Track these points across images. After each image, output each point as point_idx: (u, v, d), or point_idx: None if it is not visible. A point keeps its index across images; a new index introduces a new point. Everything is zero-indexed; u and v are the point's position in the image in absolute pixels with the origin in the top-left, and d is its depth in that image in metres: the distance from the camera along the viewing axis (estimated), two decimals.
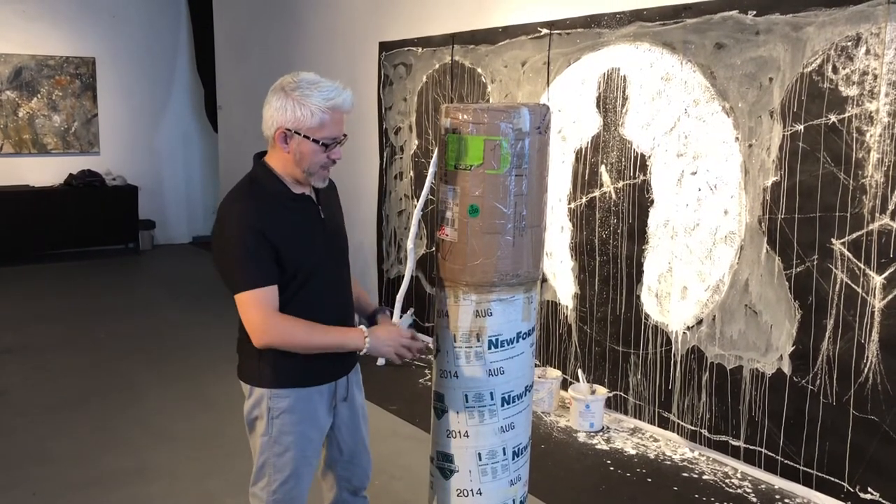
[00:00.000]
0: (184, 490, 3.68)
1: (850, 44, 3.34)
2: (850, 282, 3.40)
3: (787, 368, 3.67)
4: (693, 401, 4.10)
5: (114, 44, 9.39)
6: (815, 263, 3.52)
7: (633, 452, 4.10)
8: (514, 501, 2.57)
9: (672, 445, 4.17)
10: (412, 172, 5.94)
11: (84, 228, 9.06)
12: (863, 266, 3.36)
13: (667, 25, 4.06)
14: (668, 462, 4.00)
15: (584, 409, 4.36)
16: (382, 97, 6.20)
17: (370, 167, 6.40)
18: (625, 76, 4.30)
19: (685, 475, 3.86)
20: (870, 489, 3.40)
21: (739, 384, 3.87)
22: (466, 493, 2.50)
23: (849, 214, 3.39)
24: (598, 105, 4.46)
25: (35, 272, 8.39)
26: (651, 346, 4.29)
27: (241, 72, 8.73)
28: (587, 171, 4.55)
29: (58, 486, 3.69)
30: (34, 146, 9.10)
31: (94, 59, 9.28)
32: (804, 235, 3.56)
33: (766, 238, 3.71)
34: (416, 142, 5.86)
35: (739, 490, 3.71)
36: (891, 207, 3.26)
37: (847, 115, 3.36)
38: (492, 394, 2.45)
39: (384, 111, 6.20)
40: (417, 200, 5.67)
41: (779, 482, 3.74)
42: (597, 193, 4.50)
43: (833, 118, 3.42)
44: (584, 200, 4.58)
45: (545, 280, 4.85)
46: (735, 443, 3.91)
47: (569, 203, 4.68)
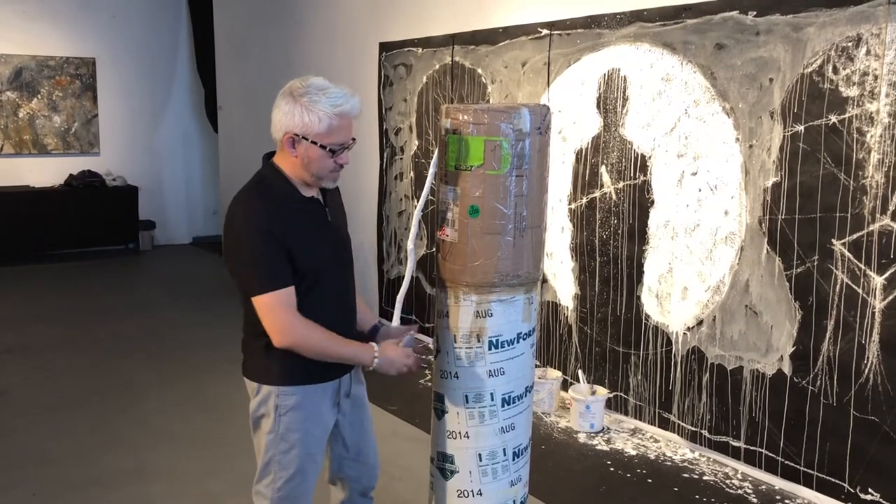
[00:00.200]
0: (184, 490, 3.67)
1: (851, 44, 3.33)
2: (851, 282, 3.40)
3: (788, 369, 3.67)
4: (693, 401, 4.10)
5: (114, 44, 9.40)
6: (816, 264, 3.52)
7: (634, 453, 4.10)
8: (515, 502, 2.56)
9: (672, 446, 4.17)
10: (412, 173, 5.94)
11: (84, 229, 9.05)
12: (863, 267, 3.36)
13: (667, 26, 4.06)
14: (669, 463, 4.00)
15: (585, 410, 4.35)
16: (383, 98, 6.20)
17: (370, 168, 6.40)
18: (625, 77, 4.30)
19: (685, 476, 3.86)
20: (870, 490, 3.39)
21: (740, 385, 3.87)
22: (467, 494, 2.50)
23: (849, 215, 3.39)
24: (599, 106, 4.46)
25: (35, 272, 8.39)
26: (651, 347, 4.29)
27: (242, 72, 8.73)
28: (587, 172, 4.55)
29: (58, 487, 3.69)
30: (34, 147, 9.10)
31: (95, 60, 9.29)
32: (804, 236, 3.56)
33: (767, 239, 3.71)
34: (417, 142, 5.86)
35: (740, 491, 3.71)
36: (891, 208, 3.26)
37: (847, 116, 3.36)
38: (492, 394, 2.45)
39: (384, 112, 6.20)
40: (417, 201, 5.67)
41: (779, 483, 3.74)
42: (597, 194, 4.50)
43: (833, 119, 3.42)
44: (585, 201, 4.58)
45: (545, 281, 4.85)
46: (735, 443, 3.91)
47: (569, 203, 4.68)
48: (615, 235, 4.42)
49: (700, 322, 4.04)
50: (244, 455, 4.02)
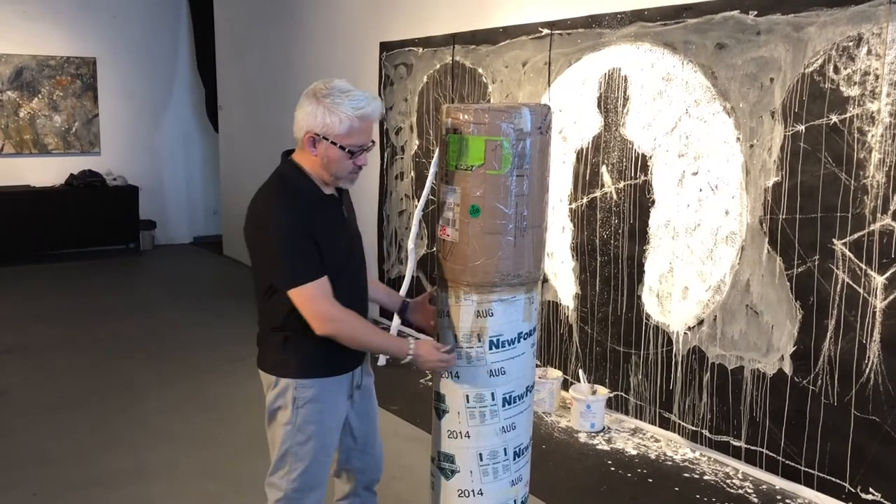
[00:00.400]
0: (184, 490, 3.67)
1: (852, 44, 3.33)
2: (852, 282, 3.40)
3: (789, 369, 3.67)
4: (694, 401, 4.09)
5: (114, 44, 9.39)
6: (817, 264, 3.52)
7: (634, 453, 4.10)
8: (516, 502, 2.57)
9: (673, 446, 4.17)
10: (413, 173, 5.93)
11: (85, 228, 9.05)
12: (864, 266, 3.36)
13: (668, 25, 4.06)
14: (669, 462, 4.00)
15: (585, 410, 4.35)
16: (383, 97, 6.20)
17: (371, 167, 6.40)
18: (626, 76, 4.30)
19: (686, 475, 3.86)
20: (871, 489, 3.39)
21: (740, 384, 3.87)
22: (467, 494, 2.50)
23: (850, 215, 3.38)
24: (599, 105, 4.45)
25: (35, 272, 8.39)
26: (652, 347, 4.28)
27: (242, 72, 8.73)
28: (588, 172, 4.54)
29: (58, 487, 3.69)
30: (35, 146, 9.10)
31: (95, 60, 9.28)
32: (805, 236, 3.55)
33: (768, 238, 3.71)
34: (417, 142, 5.86)
35: (740, 490, 3.71)
36: (892, 208, 3.25)
37: (848, 116, 3.36)
38: (493, 394, 2.45)
39: (385, 111, 6.20)
40: (418, 201, 5.67)
41: (780, 483, 3.74)
42: (598, 194, 4.50)
43: (834, 118, 3.41)
44: (585, 201, 4.58)
45: (546, 280, 4.85)
46: (736, 443, 3.91)
47: (570, 203, 4.68)
48: (616, 235, 4.42)
49: (701, 322, 4.04)
50: (244, 455, 4.02)
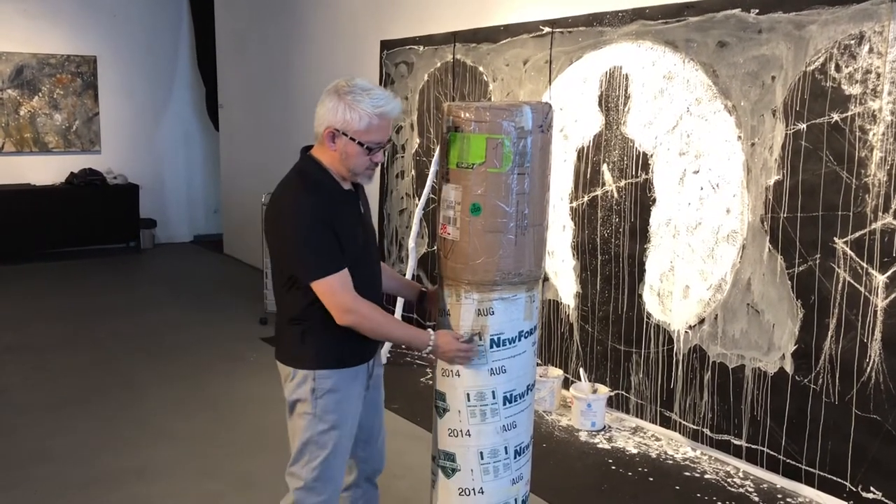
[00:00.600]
0: (184, 489, 3.67)
1: (853, 42, 3.33)
2: (853, 281, 3.40)
3: (790, 367, 3.66)
4: (695, 400, 4.09)
5: (115, 42, 9.39)
6: (818, 262, 3.51)
7: (635, 451, 4.10)
8: (516, 500, 2.56)
9: (674, 444, 4.16)
10: (413, 171, 5.93)
11: (85, 227, 9.05)
12: (865, 265, 3.35)
13: (669, 24, 4.05)
14: (670, 461, 3.99)
15: (586, 408, 4.35)
16: None
17: None
18: (627, 74, 4.29)
19: (687, 474, 3.85)
20: (872, 488, 3.39)
21: (741, 383, 3.86)
22: (468, 492, 2.49)
23: (851, 213, 3.38)
24: (600, 103, 4.45)
25: (36, 271, 8.39)
26: (653, 345, 4.28)
27: (243, 70, 8.72)
28: (589, 170, 4.54)
29: (58, 486, 3.69)
30: (35, 145, 9.09)
31: (96, 58, 9.28)
32: (806, 234, 3.55)
33: (769, 237, 3.70)
34: (418, 140, 5.86)
35: (741, 489, 3.71)
36: (893, 206, 3.25)
37: (850, 114, 3.36)
38: (493, 392, 2.44)
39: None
40: (418, 199, 5.67)
41: (781, 481, 3.74)
42: (599, 192, 4.50)
43: (836, 117, 3.41)
44: (586, 199, 4.57)
45: (546, 279, 4.84)
46: (737, 442, 3.90)
47: (570, 202, 4.67)
48: (617, 234, 4.42)
49: (702, 320, 4.04)
50: (244, 454, 4.02)
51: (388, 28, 6.15)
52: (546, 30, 4.72)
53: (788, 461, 3.70)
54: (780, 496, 3.65)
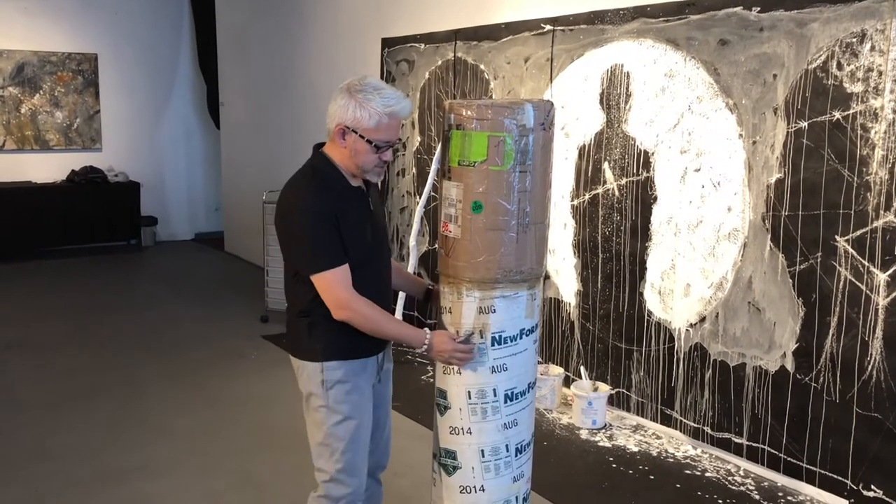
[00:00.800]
0: (185, 486, 3.67)
1: (855, 40, 3.32)
2: (854, 279, 3.39)
3: (791, 366, 3.66)
4: (696, 398, 4.09)
5: (116, 40, 9.39)
6: (819, 261, 3.51)
7: (636, 450, 4.10)
8: (517, 498, 2.56)
9: (675, 443, 4.17)
10: (414, 169, 5.93)
11: (86, 225, 9.04)
12: (867, 263, 3.35)
13: (670, 22, 4.05)
14: (671, 459, 3.99)
15: (587, 406, 4.35)
16: None
17: None
18: (628, 73, 4.29)
19: (688, 472, 3.86)
20: (873, 487, 3.39)
21: (742, 381, 3.86)
22: (469, 490, 2.49)
23: (853, 212, 3.38)
24: (602, 102, 4.45)
25: (37, 269, 8.39)
26: (654, 344, 4.28)
27: (243, 68, 8.72)
28: (590, 168, 4.54)
29: (60, 483, 3.69)
30: (36, 142, 9.09)
31: (97, 56, 9.28)
32: (808, 232, 3.55)
33: (770, 235, 3.70)
34: (419, 138, 5.86)
35: (742, 487, 3.71)
36: (895, 205, 3.25)
37: (851, 112, 3.35)
38: (495, 390, 2.44)
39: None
40: (419, 197, 5.67)
41: (782, 480, 3.74)
42: (600, 190, 4.49)
43: (837, 115, 3.40)
44: (587, 197, 4.57)
45: (548, 277, 4.84)
46: (738, 440, 3.91)
47: (572, 200, 4.67)
48: (618, 232, 4.42)
49: (703, 319, 4.04)
50: (246, 452, 4.02)
51: (389, 26, 6.15)
52: (547, 27, 4.72)
53: (789, 459, 3.70)
54: (781, 494, 3.65)
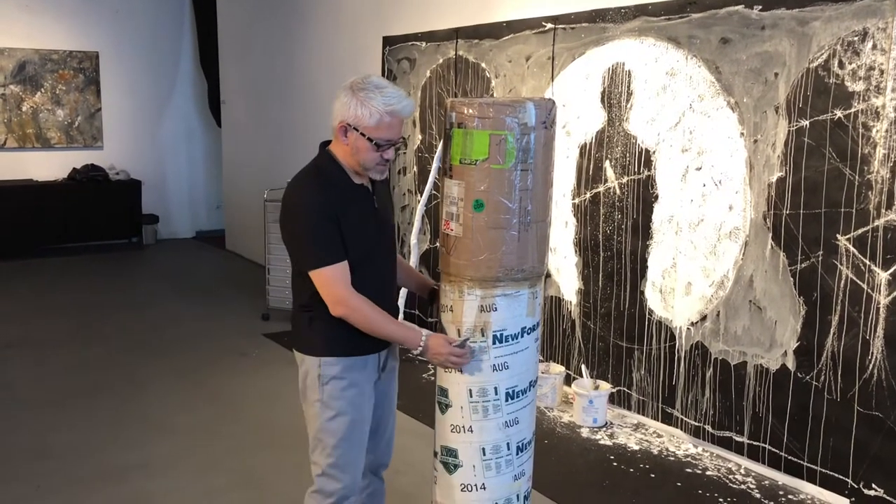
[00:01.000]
0: (186, 484, 3.68)
1: (857, 39, 3.32)
2: (856, 278, 3.39)
3: (792, 364, 3.66)
4: (697, 396, 4.09)
5: (117, 38, 9.39)
6: (820, 259, 3.51)
7: (637, 448, 4.10)
8: (518, 496, 2.56)
9: (675, 441, 4.17)
10: (416, 167, 5.93)
11: (87, 223, 9.06)
12: (868, 262, 3.35)
13: (672, 20, 4.04)
14: (672, 458, 4.00)
15: (588, 405, 4.35)
16: None
17: None
18: (629, 71, 4.29)
19: (688, 471, 3.86)
20: (874, 485, 3.39)
21: (743, 380, 3.86)
22: (470, 488, 2.50)
23: (854, 210, 3.37)
24: (603, 100, 4.45)
25: (38, 267, 8.39)
26: (655, 342, 4.28)
27: (245, 67, 8.72)
28: (591, 167, 4.54)
29: (61, 480, 3.70)
30: (38, 140, 9.10)
31: (98, 54, 9.28)
32: (809, 231, 3.55)
33: (771, 234, 3.70)
34: (420, 137, 5.86)
35: (743, 486, 3.71)
36: None
37: (853, 111, 3.35)
38: (496, 389, 2.45)
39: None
40: (421, 196, 5.67)
41: (782, 478, 3.74)
42: (601, 189, 4.49)
43: (839, 114, 3.40)
44: (589, 196, 4.57)
45: (549, 275, 4.84)
46: (739, 439, 3.91)
47: (573, 198, 4.67)
48: (619, 230, 4.42)
49: (704, 317, 4.04)
50: (247, 449, 4.03)
51: (391, 24, 6.15)
52: (548, 26, 4.72)
53: (790, 458, 3.70)
54: (782, 493, 3.65)
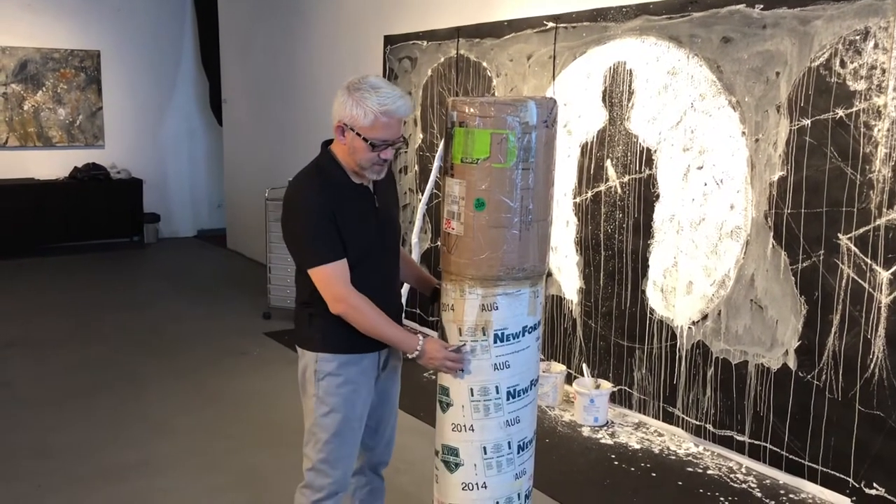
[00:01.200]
0: (187, 483, 3.68)
1: (859, 38, 3.32)
2: (857, 277, 3.39)
3: (793, 364, 3.66)
4: (698, 396, 4.09)
5: (119, 37, 9.39)
6: (822, 258, 3.51)
7: (638, 447, 4.10)
8: (520, 495, 2.56)
9: (676, 440, 4.17)
10: (417, 167, 5.93)
11: (88, 222, 9.06)
12: (869, 261, 3.35)
13: (673, 19, 4.04)
14: (673, 457, 4.00)
15: (589, 404, 4.35)
16: None
17: None
18: (631, 70, 4.28)
19: (690, 470, 3.86)
20: (875, 485, 3.39)
21: (744, 379, 3.86)
22: (471, 487, 2.50)
23: (856, 209, 3.37)
24: (604, 99, 4.44)
25: (39, 265, 8.40)
26: (656, 341, 4.28)
27: (246, 65, 8.72)
28: (593, 166, 4.54)
29: (61, 479, 3.70)
30: (39, 139, 9.10)
31: (99, 53, 9.28)
32: (810, 230, 3.55)
33: (773, 233, 3.70)
34: (421, 136, 5.86)
35: (744, 485, 3.71)
36: None
37: (854, 110, 3.35)
38: (497, 388, 2.45)
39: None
40: (422, 195, 5.67)
41: (784, 477, 3.74)
42: (602, 188, 4.49)
43: (840, 113, 3.40)
44: (590, 195, 4.57)
45: (550, 274, 4.84)
46: (740, 438, 3.91)
47: (574, 197, 4.67)
48: (620, 229, 4.41)
49: (705, 316, 4.04)
50: (247, 448, 4.03)
51: (392, 23, 6.15)
52: (550, 25, 4.71)
53: (791, 457, 3.70)
54: (783, 492, 3.65)
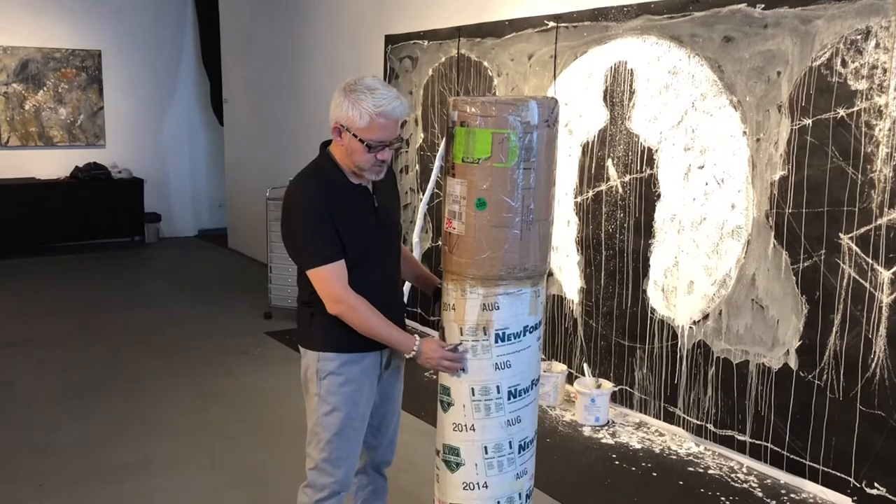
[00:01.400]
0: (188, 483, 3.68)
1: (860, 37, 3.32)
2: (858, 277, 3.39)
3: (794, 363, 3.66)
4: (699, 395, 4.09)
5: (119, 37, 9.40)
6: (823, 258, 3.51)
7: (639, 447, 4.10)
8: (520, 495, 2.56)
9: (677, 440, 4.17)
10: (418, 166, 5.93)
11: (89, 221, 9.07)
12: (870, 261, 3.35)
13: (674, 19, 4.04)
14: (674, 456, 4.00)
15: (590, 404, 4.35)
16: None
17: None
18: (632, 70, 4.28)
19: (690, 469, 3.86)
20: (876, 484, 3.39)
21: (745, 379, 3.86)
22: (472, 487, 2.50)
23: (857, 209, 3.37)
24: (605, 99, 4.44)
25: (40, 265, 8.41)
26: (657, 341, 4.28)
27: (247, 65, 8.72)
28: (594, 165, 4.54)
29: (63, 478, 3.70)
30: (40, 139, 9.11)
31: (100, 52, 9.29)
32: (812, 230, 3.54)
33: (774, 232, 3.70)
34: (422, 135, 5.86)
35: (745, 485, 3.71)
36: None
37: (856, 110, 3.35)
38: (498, 387, 2.45)
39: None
40: (423, 194, 5.67)
41: (785, 477, 3.74)
42: (603, 187, 4.49)
43: (842, 112, 3.40)
44: (591, 194, 4.57)
45: (551, 274, 4.84)
46: (741, 437, 3.91)
47: (575, 197, 4.67)
48: (621, 229, 4.41)
49: (706, 316, 4.03)
50: (248, 448, 4.03)
51: (393, 23, 6.15)
52: (551, 24, 4.71)
53: (792, 457, 3.70)
54: (784, 492, 3.65)
